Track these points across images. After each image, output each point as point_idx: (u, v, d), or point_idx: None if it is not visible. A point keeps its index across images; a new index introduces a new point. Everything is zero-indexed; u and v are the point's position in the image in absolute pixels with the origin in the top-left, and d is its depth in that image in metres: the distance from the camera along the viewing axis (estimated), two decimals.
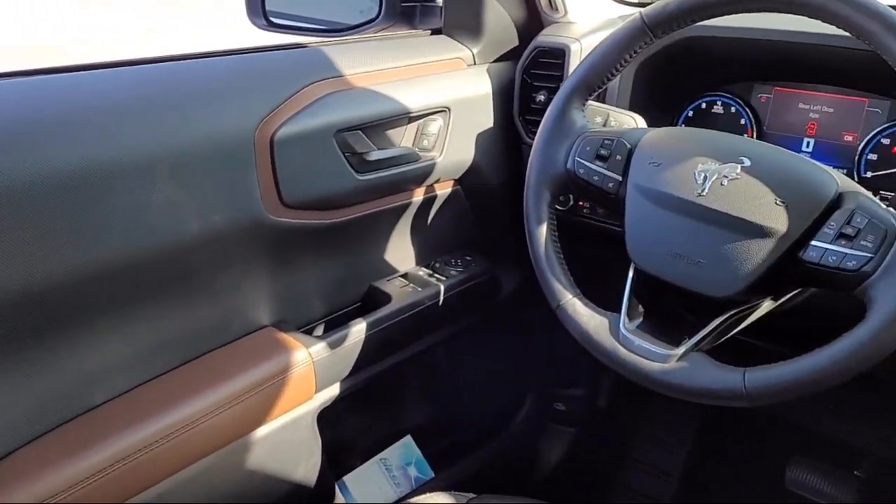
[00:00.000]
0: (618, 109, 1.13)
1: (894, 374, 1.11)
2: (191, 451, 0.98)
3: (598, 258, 1.20)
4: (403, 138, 1.20)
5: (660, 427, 1.78)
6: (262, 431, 1.06)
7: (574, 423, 1.75)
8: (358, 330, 1.16)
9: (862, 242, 0.77)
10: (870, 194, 0.83)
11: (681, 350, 0.84)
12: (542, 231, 0.97)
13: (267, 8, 1.32)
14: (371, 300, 1.25)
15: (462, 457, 1.55)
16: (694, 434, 1.75)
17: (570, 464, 1.74)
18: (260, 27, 1.33)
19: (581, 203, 1.27)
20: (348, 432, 1.39)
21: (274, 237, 1.07)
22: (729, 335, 0.89)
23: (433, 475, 1.48)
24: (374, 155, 1.13)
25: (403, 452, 1.45)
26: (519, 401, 1.68)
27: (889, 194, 1.06)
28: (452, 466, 1.52)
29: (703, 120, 1.25)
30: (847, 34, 0.81)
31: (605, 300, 0.94)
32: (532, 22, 1.35)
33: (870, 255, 0.76)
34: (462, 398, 1.61)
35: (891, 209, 0.81)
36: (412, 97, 1.18)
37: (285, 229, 1.07)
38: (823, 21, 0.82)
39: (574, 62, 1.23)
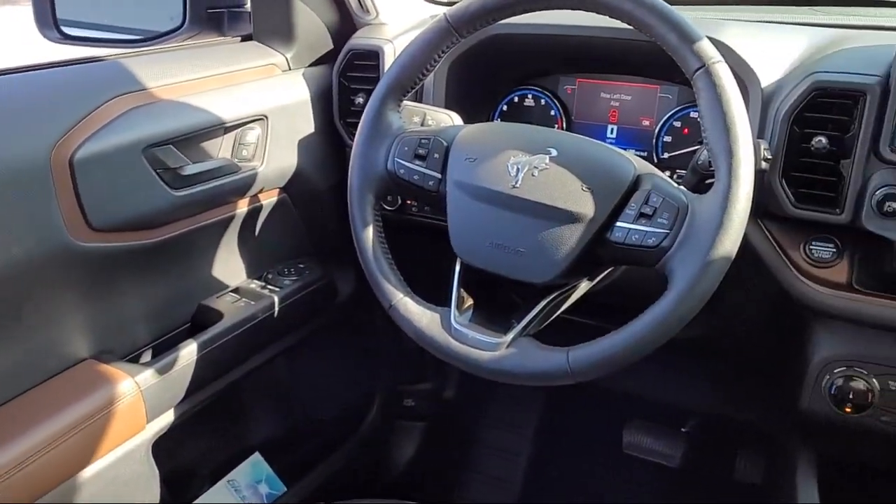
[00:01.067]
0: (434, 108, 1.15)
1: (715, 338, 1.22)
2: (13, 499, 0.90)
3: (430, 255, 1.22)
4: (221, 150, 1.16)
5: (506, 410, 1.84)
6: (90, 471, 0.99)
7: (424, 418, 1.78)
8: (188, 352, 1.11)
9: (659, 220, 0.83)
10: (664, 175, 0.90)
11: (509, 337, 0.88)
12: (369, 233, 0.97)
13: (59, 17, 1.21)
14: (201, 319, 1.20)
15: (314, 466, 1.53)
16: (539, 412, 1.83)
17: (422, 457, 1.77)
18: (52, 40, 1.22)
19: (409, 202, 1.29)
20: (190, 458, 1.33)
21: (85, 264, 1.00)
22: (553, 317, 0.94)
23: (286, 489, 1.45)
24: (190, 169, 1.09)
25: (252, 470, 1.41)
26: (367, 402, 1.68)
27: (683, 172, 1.16)
28: (305, 477, 1.50)
29: (518, 113, 1.31)
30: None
31: (441, 296, 0.96)
32: (345, 25, 1.35)
33: (666, 231, 0.82)
34: (310, 406, 1.59)
35: (681, 187, 0.88)
36: (226, 107, 1.14)
37: (97, 254, 1.00)
38: (611, 17, 0.88)
39: (388, 63, 1.24)
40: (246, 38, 1.32)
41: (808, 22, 1.19)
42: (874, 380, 0.98)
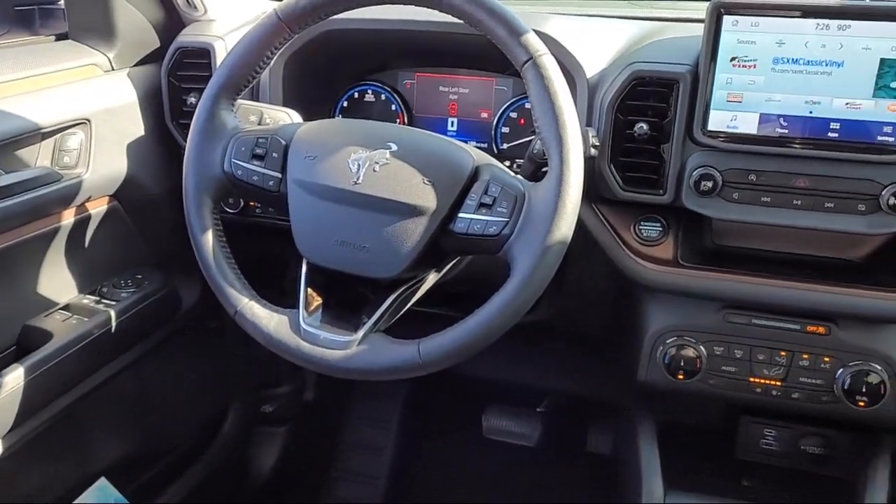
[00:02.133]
0: (271, 106, 1.12)
1: (561, 319, 1.27)
2: None
3: (278, 257, 1.19)
4: (39, 158, 1.08)
5: (368, 406, 1.84)
6: None
7: (284, 422, 1.74)
8: (14, 378, 1.02)
9: (498, 209, 0.85)
10: (502, 165, 0.93)
11: (360, 334, 0.87)
12: (208, 239, 0.94)
13: None
14: (27, 341, 1.11)
15: (169, 484, 1.46)
16: (401, 405, 1.84)
17: (285, 462, 1.73)
18: None
19: (251, 204, 1.25)
20: (27, 490, 1.23)
21: None
22: (404, 310, 0.94)
23: None
24: (4, 180, 1.00)
25: (98, 496, 1.33)
26: (223, 411, 1.63)
27: (522, 161, 1.20)
28: (160, 497, 1.43)
29: (359, 109, 1.30)
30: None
31: (292, 297, 0.94)
32: (171, 21, 1.28)
33: (506, 219, 0.84)
34: (161, 422, 1.51)
35: (519, 176, 0.91)
36: (42, 111, 1.06)
37: None
38: (442, 12, 0.89)
39: (220, 61, 1.20)
40: (61, 37, 1.23)
41: (627, 15, 1.26)
42: (701, 347, 1.06)
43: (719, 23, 0.94)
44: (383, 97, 1.28)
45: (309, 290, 0.92)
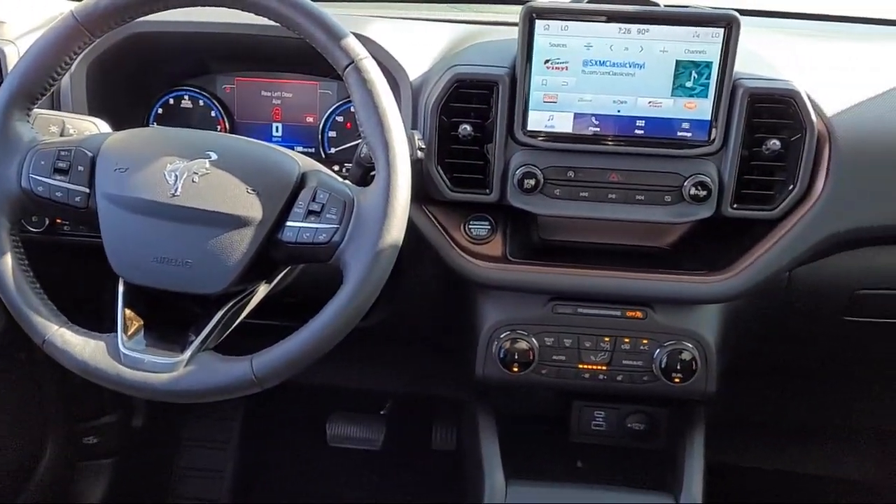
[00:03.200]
0: (75, 115, 1.04)
1: (399, 321, 1.27)
2: None
3: (92, 278, 1.10)
4: None
5: (204, 427, 1.76)
6: None
7: (112, 453, 1.62)
8: None
9: (327, 216, 0.84)
10: (329, 171, 0.91)
11: (187, 354, 0.83)
12: (7, 263, 0.86)
13: None
14: None
15: None
16: (240, 422, 1.77)
17: (114, 497, 1.61)
18: None
19: (59, 221, 1.15)
20: None
21: None
22: (234, 325, 0.90)
23: None
24: None
25: None
26: (38, 449, 1.49)
27: (349, 166, 1.19)
28: None
29: (176, 116, 1.23)
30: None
31: (110, 321, 0.87)
32: None
33: (336, 226, 0.83)
34: None
35: (347, 181, 0.90)
36: None
37: None
38: (256, 14, 0.86)
39: (11, 67, 1.09)
40: None
41: (447, 18, 1.29)
42: (533, 339, 1.10)
43: (532, 27, 0.98)
44: (202, 103, 1.23)
45: (127, 311, 0.87)
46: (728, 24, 0.96)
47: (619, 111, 1.01)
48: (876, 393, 1.51)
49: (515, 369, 1.10)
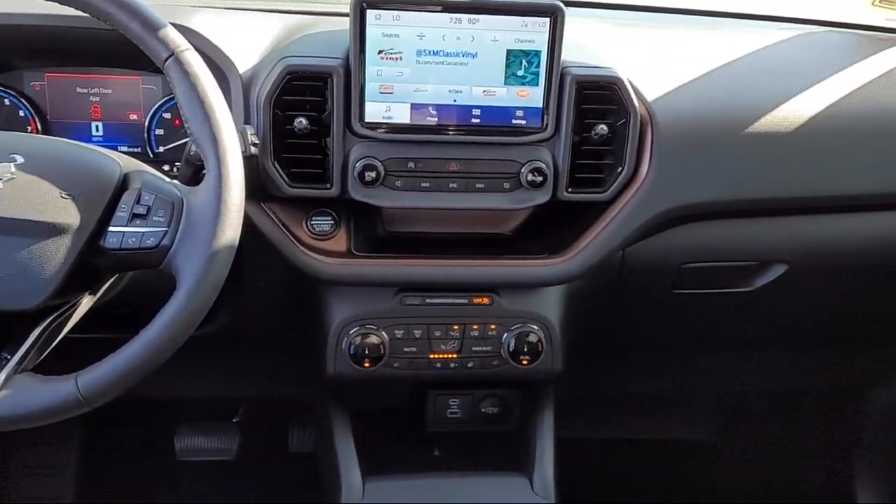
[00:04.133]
0: None
1: (244, 323, 1.22)
2: None
3: None
4: None
5: (36, 453, 1.62)
6: None
7: None
8: None
9: (154, 218, 0.79)
10: (154, 171, 0.86)
11: (1, 377, 0.75)
12: None
13: None
14: None
15: None
16: (78, 445, 1.65)
17: None
18: None
19: None
20: None
21: None
22: (56, 342, 0.83)
23: None
24: None
25: None
26: None
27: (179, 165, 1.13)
28: None
29: None
30: None
31: None
32: None
33: (164, 229, 0.79)
34: None
35: (175, 181, 0.85)
36: None
37: None
38: (63, 4, 0.80)
39: None
40: None
41: (276, 9, 1.25)
42: (384, 332, 1.09)
43: (363, 17, 0.97)
44: (7, 102, 1.12)
45: None
46: (553, 13, 0.99)
47: (455, 100, 1.02)
48: (706, 358, 1.62)
49: (367, 364, 1.09)
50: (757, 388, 1.71)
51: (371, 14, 0.97)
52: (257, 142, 0.94)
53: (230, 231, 0.78)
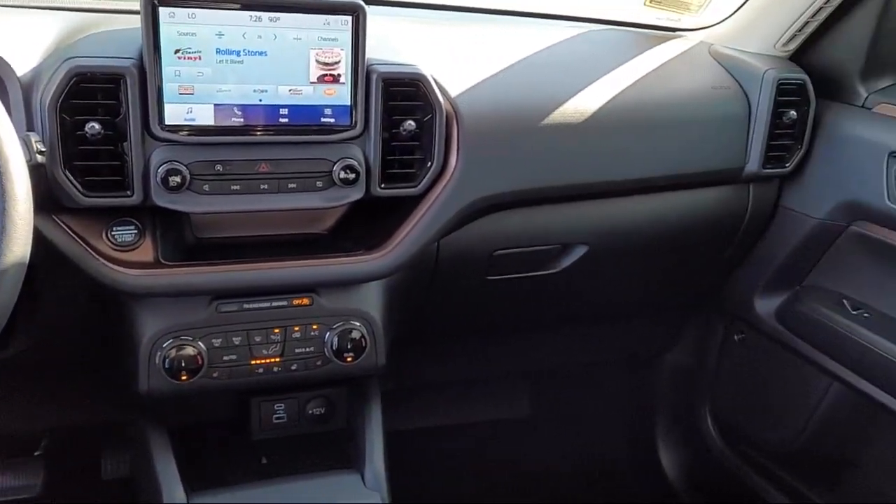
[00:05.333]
0: None
1: (45, 347, 1.12)
2: None
3: None
4: None
5: None
6: None
7: None
8: None
9: None
10: None
11: None
12: None
13: None
14: None
15: None
16: None
17: None
18: None
19: None
20: None
21: None
22: None
23: None
24: None
25: None
26: None
27: None
28: None
29: None
30: None
31: None
32: None
33: None
34: None
35: None
36: None
37: None
38: None
39: None
40: None
41: (58, 6, 1.15)
42: (200, 343, 1.05)
43: (156, 14, 0.92)
44: None
45: None
46: (355, 11, 0.99)
47: (261, 100, 1.00)
48: (520, 339, 1.71)
49: (184, 377, 1.04)
50: (565, 362, 1.83)
51: (164, 12, 0.93)
52: (44, 149, 0.87)
53: (18, 248, 0.72)
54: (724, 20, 1.48)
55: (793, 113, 1.35)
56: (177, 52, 0.95)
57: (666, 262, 1.48)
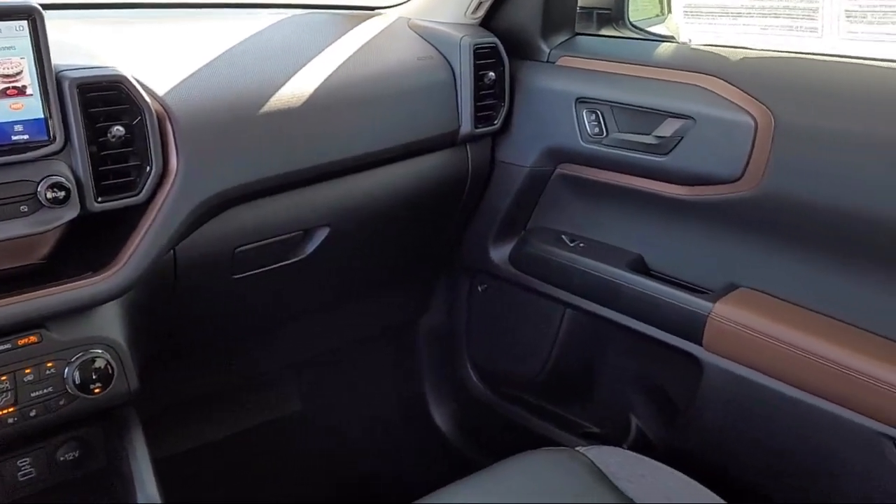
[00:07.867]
0: None
1: None
2: None
3: None
4: None
5: None
6: None
7: None
8: None
9: None
10: None
11: None
12: None
13: None
14: None
15: None
16: None
17: None
18: None
19: None
20: None
21: None
22: None
23: None
24: None
25: None
26: None
27: None
28: None
29: None
30: None
31: None
32: None
33: None
34: None
35: None
36: None
37: None
38: None
39: None
40: None
41: None
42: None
43: None
44: None
45: None
46: (30, 15, 0.90)
47: None
48: (281, 332, 1.69)
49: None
50: (328, 346, 1.84)
51: None
52: None
53: None
54: None
55: (491, 74, 1.47)
56: None
57: (405, 230, 1.54)
